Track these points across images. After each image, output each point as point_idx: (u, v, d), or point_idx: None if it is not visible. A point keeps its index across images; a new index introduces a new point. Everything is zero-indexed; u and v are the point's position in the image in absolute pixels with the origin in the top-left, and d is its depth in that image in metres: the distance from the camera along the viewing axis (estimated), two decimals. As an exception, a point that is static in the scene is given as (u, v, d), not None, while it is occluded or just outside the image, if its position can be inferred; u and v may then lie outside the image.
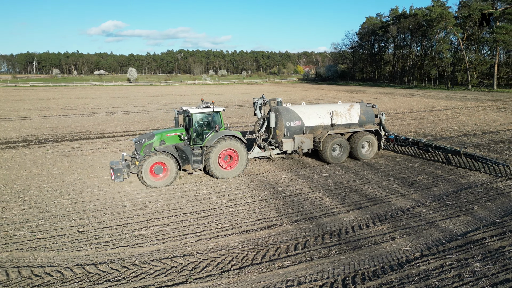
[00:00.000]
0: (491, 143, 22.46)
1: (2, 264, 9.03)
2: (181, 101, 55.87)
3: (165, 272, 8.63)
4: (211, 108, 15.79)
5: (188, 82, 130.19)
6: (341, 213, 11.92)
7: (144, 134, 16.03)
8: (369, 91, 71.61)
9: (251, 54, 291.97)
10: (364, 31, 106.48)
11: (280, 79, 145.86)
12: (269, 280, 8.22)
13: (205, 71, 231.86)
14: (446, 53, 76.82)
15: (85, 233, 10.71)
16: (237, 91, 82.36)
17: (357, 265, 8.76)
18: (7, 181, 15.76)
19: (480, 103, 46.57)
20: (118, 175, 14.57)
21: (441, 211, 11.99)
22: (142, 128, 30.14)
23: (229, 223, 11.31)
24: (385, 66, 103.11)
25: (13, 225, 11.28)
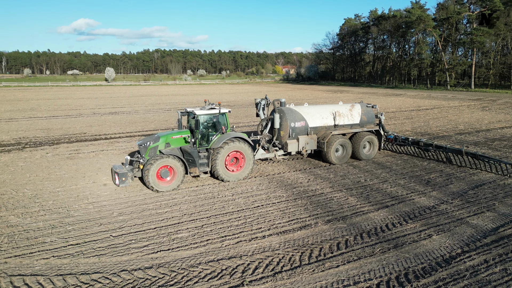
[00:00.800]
0: (488, 141, 23.31)
1: (43, 272, 8.70)
2: (167, 102, 55.17)
3: (216, 275, 8.54)
4: (217, 109, 15.50)
5: (168, 82, 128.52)
6: (370, 212, 12.11)
7: (149, 137, 15.57)
8: (352, 91, 72.81)
9: (229, 54, 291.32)
10: (344, 32, 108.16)
11: (261, 79, 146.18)
12: (324, 280, 8.27)
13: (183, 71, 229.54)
14: (425, 54, 79.09)
15: (120, 238, 10.44)
16: (222, 91, 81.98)
17: (404, 263, 8.93)
18: (16, 185, 15.16)
19: (463, 102, 48.20)
20: (123, 179, 14.11)
21: (465, 208, 12.36)
22: (137, 130, 29.59)
23: (263, 224, 11.29)
24: (366, 66, 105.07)
25: (40, 231, 10.87)
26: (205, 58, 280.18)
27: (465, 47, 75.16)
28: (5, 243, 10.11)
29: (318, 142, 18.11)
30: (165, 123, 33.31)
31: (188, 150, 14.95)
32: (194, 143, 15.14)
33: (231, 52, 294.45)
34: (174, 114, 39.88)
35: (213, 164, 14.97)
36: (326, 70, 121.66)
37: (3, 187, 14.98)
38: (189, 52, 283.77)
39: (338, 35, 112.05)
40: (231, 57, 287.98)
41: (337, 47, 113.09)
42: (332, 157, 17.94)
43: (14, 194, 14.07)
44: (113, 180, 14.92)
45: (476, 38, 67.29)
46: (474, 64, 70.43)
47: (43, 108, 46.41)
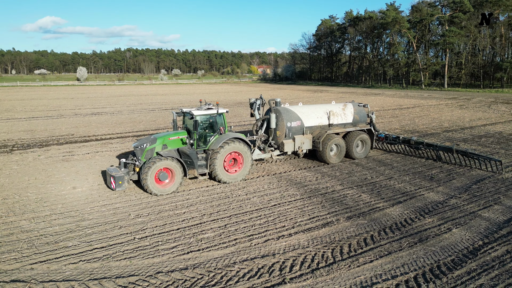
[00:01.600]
0: (475, 138, 24.34)
1: (75, 277, 8.45)
2: (149, 102, 54.25)
3: (255, 274, 8.56)
4: (215, 109, 15.20)
5: (144, 82, 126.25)
6: (386, 208, 12.43)
7: (145, 138, 15.02)
8: (331, 91, 73.99)
9: (204, 54, 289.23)
10: (320, 32, 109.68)
11: (239, 79, 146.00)
12: (362, 275, 8.45)
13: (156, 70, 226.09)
14: (400, 55, 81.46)
15: (145, 240, 10.26)
16: (202, 91, 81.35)
17: (434, 256, 9.24)
18: (17, 189, 14.57)
19: (440, 101, 49.96)
20: (119, 183, 13.68)
21: (474, 202, 12.90)
22: (127, 130, 28.99)
23: (286, 223, 11.38)
24: (342, 66, 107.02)
25: (58, 236, 10.53)
26: (179, 58, 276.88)
27: (437, 48, 77.83)
28: (25, 249, 9.73)
29: (313, 141, 18.15)
30: (154, 123, 32.81)
31: (186, 151, 14.61)
32: (192, 144, 14.84)
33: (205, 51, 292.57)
34: (160, 114, 39.30)
35: (212, 165, 14.67)
36: (303, 70, 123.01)
37: (4, 191, 14.37)
38: (163, 51, 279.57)
39: (314, 35, 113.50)
40: (206, 56, 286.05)
41: (313, 47, 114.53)
42: (327, 156, 17.97)
43: (18, 198, 13.53)
44: (108, 183, 14.35)
45: (449, 39, 69.88)
46: (447, 64, 73.11)
47: (19, 109, 44.65)
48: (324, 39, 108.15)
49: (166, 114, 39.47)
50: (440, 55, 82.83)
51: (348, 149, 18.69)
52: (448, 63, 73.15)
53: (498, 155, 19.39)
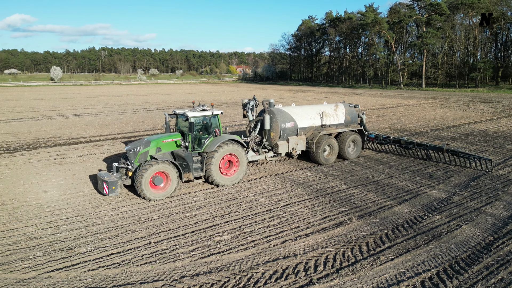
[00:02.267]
0: (462, 136, 25.14)
1: (98, 284, 8.24)
2: (132, 102, 53.29)
3: (281, 275, 8.57)
4: (210, 111, 14.90)
5: (122, 82, 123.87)
6: (394, 207, 12.68)
7: (138, 141, 14.47)
8: (314, 91, 74.75)
9: (181, 53, 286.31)
10: (300, 33, 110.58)
11: (219, 79, 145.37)
12: (386, 273, 8.59)
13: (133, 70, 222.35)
14: (380, 55, 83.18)
15: (162, 244, 10.10)
16: (183, 91, 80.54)
17: (450, 253, 9.50)
18: (13, 194, 14.05)
19: (421, 100, 51.30)
20: (113, 188, 13.10)
21: (476, 198, 13.32)
22: (116, 132, 28.38)
23: (299, 223, 11.44)
24: (323, 66, 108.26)
25: (70, 242, 10.22)
26: (156, 57, 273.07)
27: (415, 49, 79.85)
28: (38, 257, 9.40)
29: (306, 142, 18.01)
30: (142, 124, 32.26)
31: (181, 154, 14.22)
32: (187, 147, 14.49)
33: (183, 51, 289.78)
34: (147, 115, 38.67)
35: (208, 168, 14.33)
36: (283, 70, 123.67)
37: (0, 196, 13.81)
38: (139, 50, 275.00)
39: (294, 36, 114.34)
40: (184, 56, 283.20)
41: (294, 47, 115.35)
42: (320, 157, 17.90)
43: (17, 204, 13.04)
44: (100, 189, 13.75)
45: (426, 40, 71.86)
46: (424, 64, 75.16)
47: (-4, 110, 42.96)
48: (305, 39, 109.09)
49: (152, 114, 38.88)
50: (417, 56, 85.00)
51: (340, 149, 18.67)
52: (425, 64, 75.17)
53: (487, 153, 20.10)
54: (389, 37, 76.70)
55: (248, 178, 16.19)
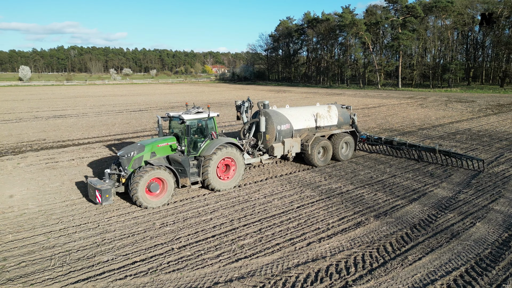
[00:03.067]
0: (450, 135, 25.93)
1: (129, 294, 7.91)
2: (112, 103, 51.92)
3: (315, 278, 8.51)
4: (206, 113, 14.36)
5: (96, 82, 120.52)
6: (405, 206, 12.87)
7: (131, 146, 13.69)
8: (294, 91, 75.26)
9: (155, 53, 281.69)
10: (278, 33, 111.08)
11: (196, 79, 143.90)
12: (418, 273, 8.69)
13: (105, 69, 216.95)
14: (358, 56, 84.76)
15: (185, 250, 9.84)
16: (162, 91, 79.21)
17: (472, 250, 9.72)
18: (12, 201, 13.35)
19: (400, 100, 52.60)
20: (106, 196, 12.30)
21: (480, 196, 13.73)
22: (104, 134, 27.54)
23: (318, 224, 11.42)
24: (301, 67, 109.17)
25: (88, 250, 9.79)
26: (128, 57, 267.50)
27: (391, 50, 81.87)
28: (58, 267, 8.94)
29: (301, 144, 17.78)
30: (128, 126, 31.47)
31: (178, 159, 13.54)
32: (183, 151, 13.87)
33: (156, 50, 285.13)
34: (131, 116, 37.75)
35: (205, 173, 13.81)
36: (261, 70, 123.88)
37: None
38: (110, 49, 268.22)
39: (271, 36, 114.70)
40: (157, 55, 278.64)
41: (272, 48, 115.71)
42: (315, 159, 17.72)
43: (19, 212, 12.40)
44: (91, 197, 12.87)
45: (402, 41, 73.81)
46: (400, 65, 77.17)
47: (-32, 112, 40.83)
48: (282, 40, 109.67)
49: (137, 116, 38.01)
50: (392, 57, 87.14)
51: (334, 151, 18.55)
52: (401, 65, 77.19)
53: (477, 151, 20.79)
54: (366, 38, 78.23)
55: (253, 179, 16.07)
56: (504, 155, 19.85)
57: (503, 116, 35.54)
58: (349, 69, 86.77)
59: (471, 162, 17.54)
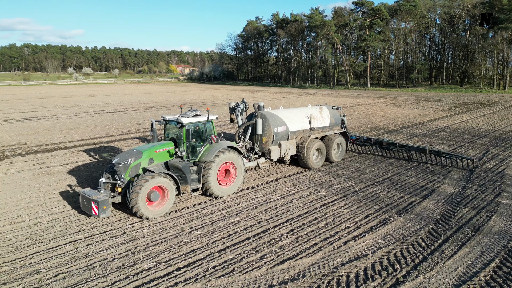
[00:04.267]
0: (433, 132, 27.16)
1: (188, 302, 7.71)
2: (83, 104, 49.90)
3: (365, 276, 8.66)
4: (204, 116, 13.77)
5: (57, 82, 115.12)
6: (421, 202, 13.34)
7: (126, 153, 12.81)
8: (267, 91, 75.70)
9: (116, 51, 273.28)
10: (247, 33, 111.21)
11: (164, 78, 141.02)
12: (459, 266, 9.06)
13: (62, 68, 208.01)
14: (328, 57, 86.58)
15: (226, 254, 9.70)
16: (131, 91, 77.03)
17: (499, 242, 10.26)
18: (19, 210, 12.61)
19: (374, 100, 54.34)
20: (104, 208, 11.27)
21: (485, 191, 14.50)
22: (88, 137, 26.46)
23: (347, 223, 11.62)
24: (272, 67, 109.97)
25: (124, 258, 9.44)
26: (88, 55, 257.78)
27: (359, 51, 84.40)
28: (100, 277, 8.56)
29: (297, 146, 17.57)
30: (110, 127, 30.45)
31: (178, 165, 12.78)
32: (182, 157, 13.08)
33: (117, 49, 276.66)
34: (110, 117, 36.47)
35: (205, 179, 13.18)
36: (230, 70, 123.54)
37: (4, 213, 12.30)
38: (68, 48, 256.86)
39: (240, 36, 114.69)
40: (118, 54, 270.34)
41: (241, 47, 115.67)
42: (310, 161, 17.59)
43: (30, 221, 11.74)
44: (85, 209, 11.76)
45: (369, 43, 76.30)
46: (369, 66, 79.72)
47: None
48: (252, 40, 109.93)
49: (116, 117, 36.79)
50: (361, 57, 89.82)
51: (327, 152, 18.53)
52: (369, 65, 79.76)
53: (463, 148, 21.94)
54: (336, 39, 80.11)
55: (264, 180, 16.09)
56: (490, 151, 21.07)
57: (473, 114, 37.65)
58: (319, 69, 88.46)
59: (461, 161, 18.07)
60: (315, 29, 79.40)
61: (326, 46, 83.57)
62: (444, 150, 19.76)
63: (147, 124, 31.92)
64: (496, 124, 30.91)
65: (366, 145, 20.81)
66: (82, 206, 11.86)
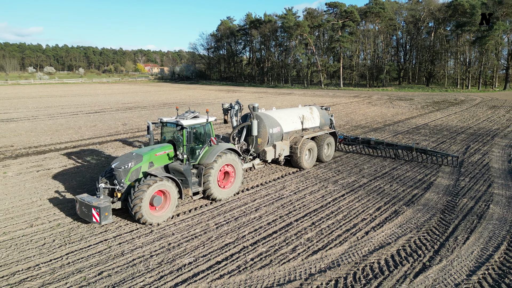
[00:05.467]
0: (414, 130, 28.64)
1: (238, 292, 8.11)
2: (58, 105, 48.36)
3: (394, 262, 9.35)
4: (203, 118, 13.50)
5: (21, 82, 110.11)
6: (423, 194, 14.29)
7: (125, 156, 12.31)
8: (244, 91, 76.10)
9: (79, 50, 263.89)
10: (220, 33, 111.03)
11: (134, 78, 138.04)
12: (474, 250, 9.94)
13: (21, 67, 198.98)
14: (302, 57, 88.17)
15: (259, 247, 10.15)
16: (104, 91, 75.13)
17: (502, 228, 11.26)
18: (36, 213, 12.41)
19: (349, 99, 56.06)
20: (105, 215, 10.78)
21: (477, 182, 15.67)
22: (76, 138, 25.94)
23: (362, 215, 12.32)
24: (246, 67, 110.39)
25: (162, 255, 9.69)
26: (49, 54, 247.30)
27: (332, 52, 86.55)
28: (146, 273, 8.76)
29: (290, 147, 17.67)
30: (96, 128, 29.92)
31: (179, 168, 12.50)
32: (182, 160, 12.81)
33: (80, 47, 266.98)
34: (92, 118, 35.69)
35: (206, 182, 12.99)
36: (203, 70, 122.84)
37: (20, 216, 12.14)
38: (27, 46, 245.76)
39: (213, 35, 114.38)
40: (82, 53, 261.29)
41: (214, 47, 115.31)
42: (303, 161, 17.78)
43: (51, 223, 11.66)
44: (84, 216, 11.18)
45: (342, 44, 78.48)
46: (341, 66, 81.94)
47: None
48: (225, 39, 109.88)
49: (97, 118, 36.05)
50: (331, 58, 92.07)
51: (318, 152, 18.77)
52: (342, 65, 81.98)
53: (446, 144, 23.38)
54: (309, 40, 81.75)
55: (270, 177, 16.59)
56: (471, 146, 22.60)
57: (445, 112, 39.81)
58: (294, 69, 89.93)
59: (445, 158, 18.97)
60: (289, 30, 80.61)
61: (300, 46, 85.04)
62: (431, 148, 20.94)
63: (133, 125, 31.58)
64: (469, 121, 32.94)
65: (353, 144, 21.33)
66: (80, 213, 11.32)
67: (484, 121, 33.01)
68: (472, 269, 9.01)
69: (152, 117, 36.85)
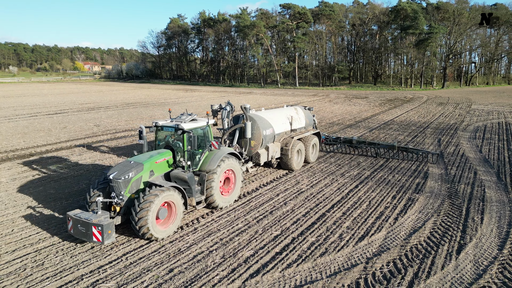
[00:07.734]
0: (385, 125, 30.65)
1: (313, 277, 8.62)
2: (9, 106, 44.77)
3: (433, 243, 10.37)
4: (204, 121, 12.77)
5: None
6: (425, 183, 15.59)
7: (122, 165, 11.07)
8: (201, 90, 75.54)
9: (7, 46, 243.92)
10: (171, 31, 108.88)
11: (79, 77, 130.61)
12: (493, 228, 11.26)
13: None
14: (258, 57, 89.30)
15: (307, 237, 10.68)
16: (50, 91, 70.59)
17: (504, 208, 12.80)
18: (50, 218, 11.88)
19: (309, 98, 58.07)
20: (109, 233, 9.62)
21: (464, 170, 17.40)
22: (53, 141, 24.59)
23: (384, 204, 13.29)
24: (201, 66, 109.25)
25: (221, 250, 9.88)
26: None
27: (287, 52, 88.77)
28: (215, 267, 8.94)
29: (281, 149, 17.39)
30: (67, 130, 28.55)
31: (183, 176, 11.55)
32: (183, 167, 11.99)
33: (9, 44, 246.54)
34: (54, 119, 33.77)
35: (209, 189, 12.17)
36: (153, 69, 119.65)
37: (39, 222, 11.56)
38: None
39: (164, 33, 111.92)
40: (11, 50, 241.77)
41: (165, 45, 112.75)
42: (294, 163, 17.52)
43: (85, 226, 11.24)
44: (84, 236, 9.80)
45: (297, 44, 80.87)
46: (297, 66, 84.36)
47: None
48: (177, 37, 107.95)
49: (62, 119, 34.16)
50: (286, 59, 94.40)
51: (306, 153, 18.55)
52: (297, 65, 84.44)
53: (419, 138, 25.43)
54: (265, 40, 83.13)
55: (278, 174, 17.12)
56: (442, 139, 24.83)
57: (402, 109, 42.85)
58: (251, 69, 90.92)
59: (426, 156, 19.43)
60: (245, 30, 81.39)
61: (256, 46, 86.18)
62: (412, 146, 22.43)
63: (108, 126, 30.44)
64: (427, 117, 35.85)
65: (335, 144, 21.54)
66: (75, 232, 9.93)
67: (440, 117, 36.08)
68: (500, 244, 10.28)
69: (122, 117, 35.68)
